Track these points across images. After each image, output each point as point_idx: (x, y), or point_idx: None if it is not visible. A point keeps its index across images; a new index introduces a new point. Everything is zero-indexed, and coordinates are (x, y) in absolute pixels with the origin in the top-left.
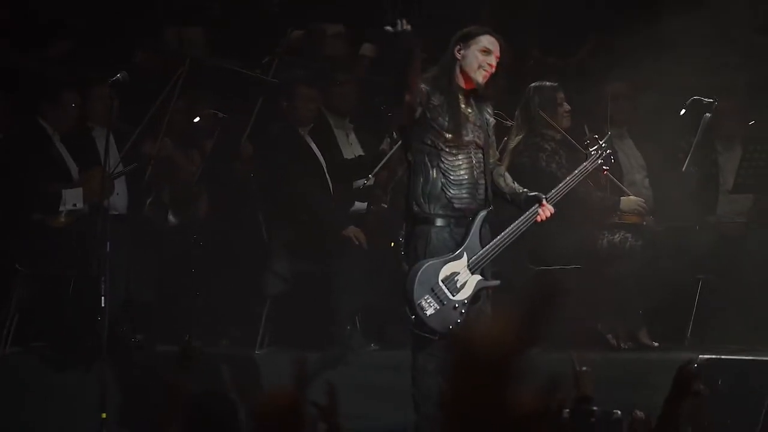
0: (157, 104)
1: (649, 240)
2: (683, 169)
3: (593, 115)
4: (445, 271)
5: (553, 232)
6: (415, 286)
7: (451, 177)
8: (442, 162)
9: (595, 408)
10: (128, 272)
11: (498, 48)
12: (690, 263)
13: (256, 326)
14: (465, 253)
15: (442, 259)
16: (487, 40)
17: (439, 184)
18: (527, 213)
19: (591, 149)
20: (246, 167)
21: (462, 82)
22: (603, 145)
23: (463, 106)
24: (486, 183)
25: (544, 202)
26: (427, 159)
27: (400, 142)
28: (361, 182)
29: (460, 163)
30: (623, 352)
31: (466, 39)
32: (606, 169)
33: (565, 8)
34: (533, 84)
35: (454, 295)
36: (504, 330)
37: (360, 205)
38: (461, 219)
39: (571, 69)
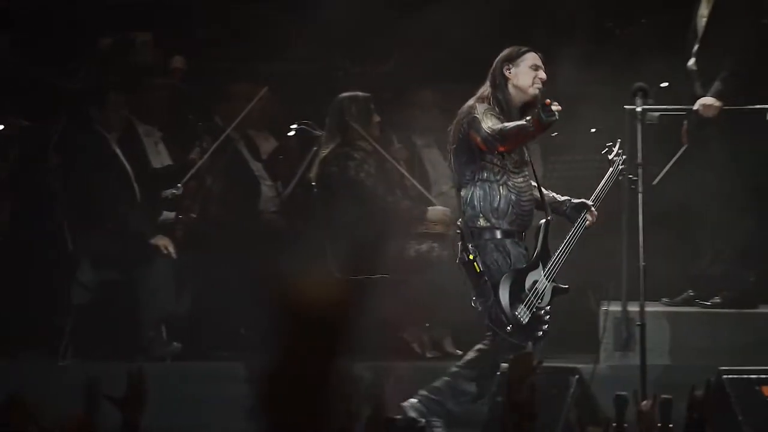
0: None
1: (454, 249)
2: None
3: (401, 125)
4: (528, 280)
5: (363, 239)
6: (509, 297)
7: (520, 194)
8: (510, 180)
9: (399, 417)
10: None
11: (542, 64)
12: None
13: (59, 337)
14: (540, 261)
15: (523, 269)
16: (533, 57)
17: (509, 200)
18: (579, 219)
19: (611, 156)
20: (52, 175)
21: (515, 100)
22: (620, 151)
23: None
24: (541, 196)
25: (591, 206)
26: (494, 177)
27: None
28: (169, 192)
29: (521, 180)
30: (429, 360)
31: (513, 59)
32: (625, 174)
33: (374, 18)
34: (345, 94)
35: (541, 302)
36: (314, 340)
37: (168, 215)
38: (523, 232)
39: (379, 78)
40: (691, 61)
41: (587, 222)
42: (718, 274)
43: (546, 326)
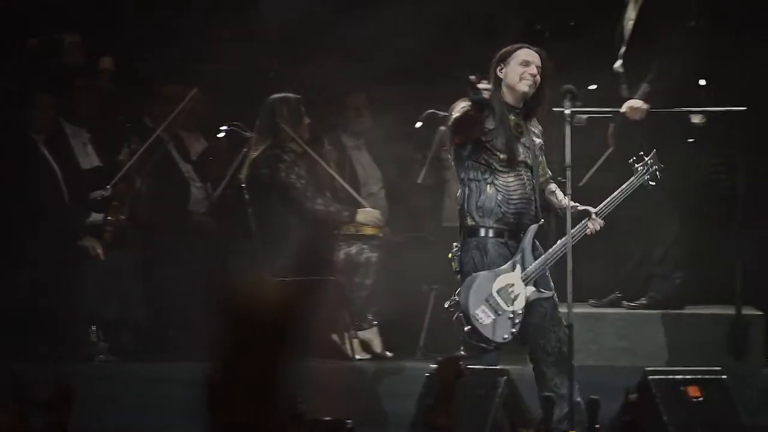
0: None
1: (385, 251)
2: (419, 180)
3: (333, 126)
4: (499, 282)
5: (293, 241)
6: (471, 296)
7: (507, 193)
8: (497, 179)
9: (327, 418)
10: None
11: (538, 59)
12: (424, 274)
13: None
14: (518, 265)
15: (496, 271)
16: (524, 53)
17: (495, 199)
18: (578, 226)
19: (637, 165)
20: None
21: (510, 100)
22: (649, 162)
23: (513, 126)
24: (536, 199)
25: (594, 216)
26: (482, 176)
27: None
28: (98, 193)
29: (513, 180)
30: (358, 362)
31: (505, 58)
32: (652, 185)
33: (305, 19)
34: (276, 96)
35: (508, 306)
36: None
37: (97, 216)
38: (514, 233)
39: (309, 80)
40: (618, 64)
41: (588, 230)
42: (644, 275)
43: (513, 330)
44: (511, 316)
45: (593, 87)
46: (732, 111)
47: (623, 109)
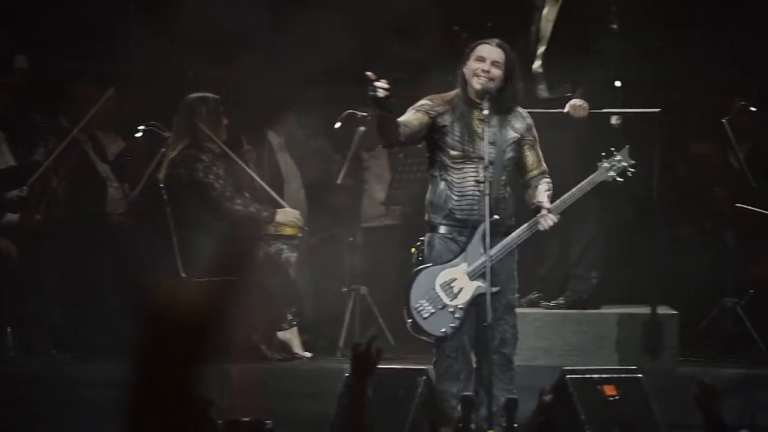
0: None
1: (304, 251)
2: (338, 181)
3: (252, 126)
4: (443, 276)
5: (212, 241)
6: (412, 291)
7: (456, 189)
8: (449, 175)
9: (247, 419)
10: None
11: (498, 54)
12: (344, 274)
13: None
14: (465, 260)
15: (440, 266)
16: (481, 49)
17: (444, 195)
18: (529, 222)
19: (603, 161)
20: None
21: (473, 95)
22: (617, 158)
23: (476, 123)
24: (492, 196)
25: (544, 211)
26: (437, 172)
27: None
28: (14, 193)
29: (465, 176)
30: (278, 363)
31: (468, 53)
32: (621, 181)
33: (226, 18)
34: (195, 95)
35: (450, 300)
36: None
37: (12, 216)
38: (464, 229)
39: (228, 80)
40: (537, 64)
41: (539, 227)
42: (561, 276)
43: (453, 324)
44: (452, 310)
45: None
46: (648, 113)
47: (566, 108)
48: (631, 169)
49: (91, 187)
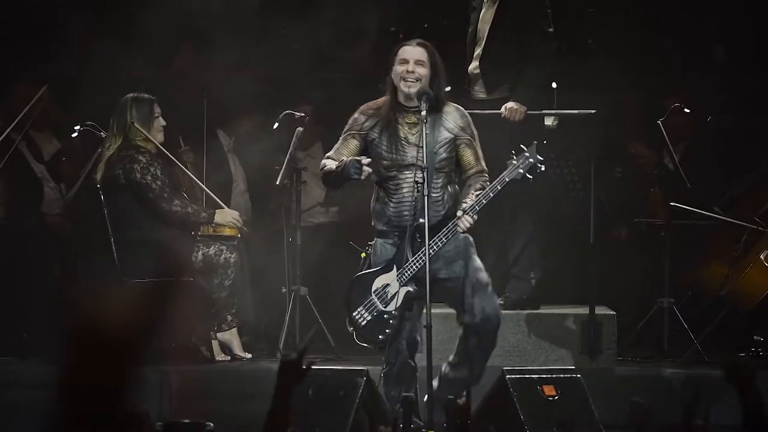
0: None
1: (243, 252)
2: (277, 182)
3: (193, 126)
4: (377, 283)
5: (150, 242)
6: (351, 298)
7: (392, 196)
8: (385, 183)
9: (187, 421)
10: None
11: (420, 53)
12: (284, 275)
13: None
14: (395, 265)
15: (373, 272)
16: (404, 51)
17: (383, 201)
18: (449, 224)
19: (513, 159)
20: None
21: (402, 100)
22: (527, 155)
23: (405, 129)
24: (428, 200)
25: (459, 212)
26: (376, 178)
27: None
28: None
29: (399, 182)
30: (218, 363)
31: (392, 57)
32: (530, 178)
33: (164, 17)
34: (130, 95)
35: (385, 306)
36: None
37: None
38: (400, 234)
39: (166, 80)
40: (473, 65)
41: (459, 228)
42: (500, 276)
43: (389, 330)
44: (386, 316)
45: (448, 89)
46: (584, 114)
47: (502, 111)
48: (540, 166)
49: (27, 187)
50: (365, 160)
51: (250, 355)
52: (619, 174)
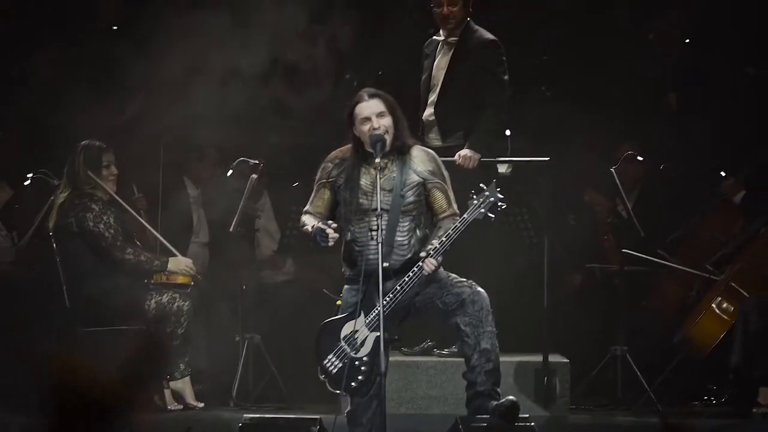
0: None
1: (198, 300)
2: (231, 229)
3: (149, 173)
4: (345, 329)
5: (107, 291)
6: (320, 346)
7: (358, 241)
8: (352, 228)
9: None
10: None
11: (376, 105)
12: (238, 323)
13: None
14: (362, 311)
15: (341, 318)
16: (362, 109)
17: (351, 247)
18: (414, 268)
19: (473, 199)
20: None
21: (369, 146)
22: (487, 194)
23: (369, 176)
24: (393, 245)
25: (423, 254)
26: (344, 224)
27: None
28: None
29: (363, 227)
30: (171, 412)
31: (350, 118)
32: (492, 217)
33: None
34: (83, 143)
35: (355, 353)
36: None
37: None
38: (366, 279)
39: (121, 127)
40: (428, 112)
41: (423, 272)
42: (454, 323)
43: (361, 377)
44: (357, 362)
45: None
46: (538, 161)
47: (456, 158)
48: (501, 204)
49: None
50: (330, 229)
51: (202, 404)
52: (572, 221)
